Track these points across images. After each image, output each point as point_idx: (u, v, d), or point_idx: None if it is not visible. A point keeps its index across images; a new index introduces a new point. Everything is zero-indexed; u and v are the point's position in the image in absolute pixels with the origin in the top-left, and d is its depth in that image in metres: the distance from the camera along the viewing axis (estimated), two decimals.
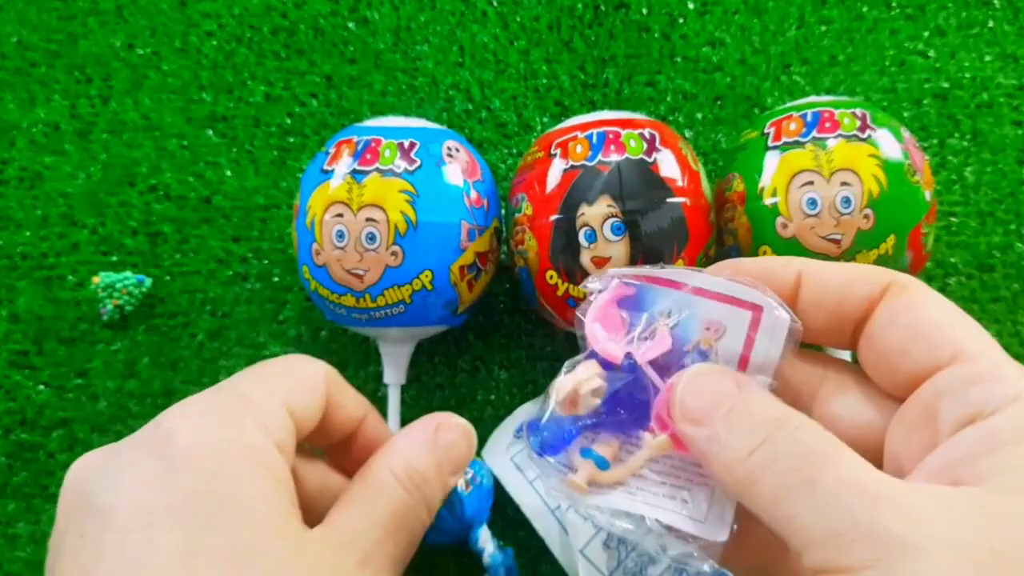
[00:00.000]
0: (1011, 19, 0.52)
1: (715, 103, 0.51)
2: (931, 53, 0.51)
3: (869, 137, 0.38)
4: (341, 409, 0.27)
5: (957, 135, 0.50)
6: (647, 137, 0.39)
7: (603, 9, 0.53)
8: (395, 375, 0.42)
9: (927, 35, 0.52)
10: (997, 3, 0.52)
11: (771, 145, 0.39)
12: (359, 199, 0.38)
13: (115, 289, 0.46)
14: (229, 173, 0.50)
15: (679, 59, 0.52)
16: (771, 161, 0.39)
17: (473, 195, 0.40)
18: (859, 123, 0.38)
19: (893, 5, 0.53)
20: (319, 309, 0.44)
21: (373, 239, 0.38)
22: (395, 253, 0.38)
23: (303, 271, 0.40)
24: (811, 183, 0.38)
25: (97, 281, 0.46)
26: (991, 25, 0.52)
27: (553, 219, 0.38)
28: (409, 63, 0.52)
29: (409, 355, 0.42)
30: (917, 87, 0.51)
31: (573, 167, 0.38)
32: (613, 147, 0.38)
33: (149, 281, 0.47)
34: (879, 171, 0.37)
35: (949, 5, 0.52)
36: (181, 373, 0.46)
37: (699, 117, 0.51)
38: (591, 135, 0.39)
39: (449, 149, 0.40)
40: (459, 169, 0.40)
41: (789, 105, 0.41)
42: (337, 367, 0.46)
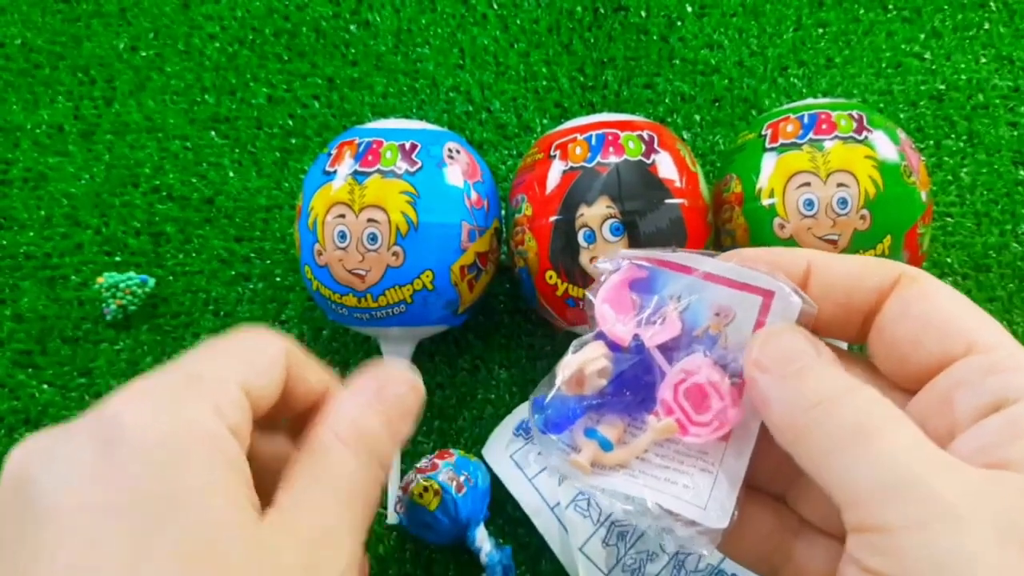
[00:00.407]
0: (1007, 21, 0.52)
1: (713, 105, 0.51)
2: (927, 55, 0.52)
3: (866, 139, 0.38)
4: (302, 383, 0.25)
5: (953, 136, 0.50)
6: (646, 139, 0.39)
7: (602, 12, 0.53)
8: None
9: (923, 37, 0.52)
10: (993, 5, 0.53)
11: (768, 147, 0.40)
12: (361, 200, 0.38)
13: (118, 289, 0.46)
14: (232, 174, 0.50)
15: (677, 61, 0.52)
16: (768, 162, 0.39)
17: (473, 196, 0.40)
18: (856, 125, 0.39)
19: (889, 8, 0.53)
20: (321, 309, 0.44)
21: (375, 239, 0.38)
22: (396, 253, 0.38)
23: (305, 271, 0.40)
24: (808, 184, 0.38)
25: (101, 281, 0.46)
26: (987, 27, 0.52)
27: (553, 220, 0.39)
28: (410, 65, 0.53)
29: (410, 354, 0.42)
30: (913, 89, 0.51)
31: (572, 168, 0.39)
32: (612, 149, 0.39)
33: (152, 281, 0.47)
34: (875, 172, 0.38)
35: (945, 7, 0.53)
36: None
37: (697, 119, 0.51)
38: (590, 137, 0.39)
39: (450, 151, 0.40)
40: (460, 170, 0.40)
41: (786, 107, 0.41)
42: (338, 367, 0.47)
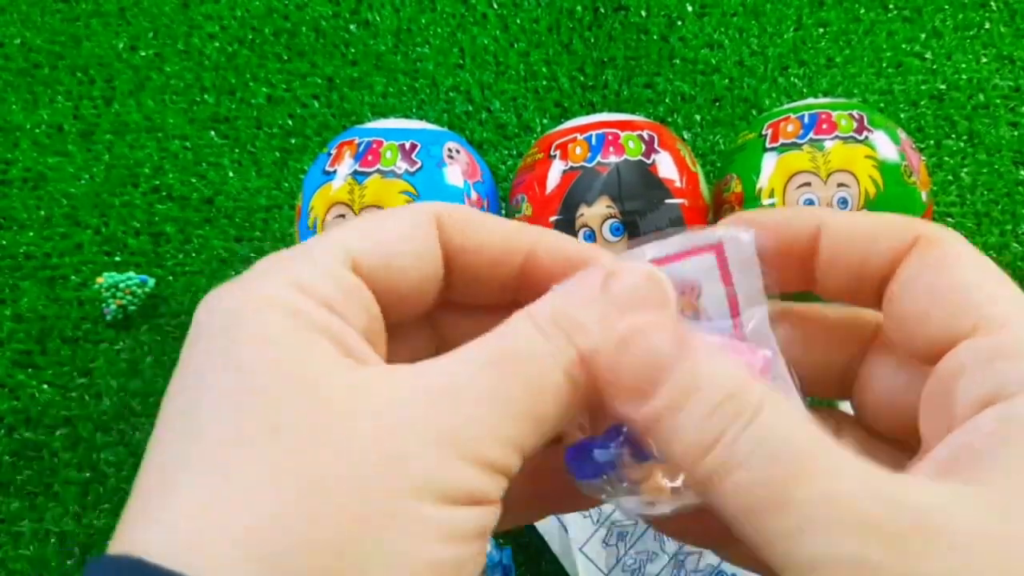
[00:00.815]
0: (1007, 21, 0.52)
1: (713, 105, 0.51)
2: (928, 55, 0.52)
3: (866, 138, 0.38)
4: (476, 252, 0.20)
5: (953, 136, 0.50)
6: (646, 139, 0.39)
7: (602, 11, 0.53)
8: None
9: (924, 37, 0.52)
10: (994, 5, 0.53)
11: (769, 146, 0.40)
12: (361, 200, 0.38)
13: (118, 289, 0.46)
14: (231, 174, 0.50)
15: (678, 61, 0.52)
16: (769, 162, 0.39)
17: (473, 196, 0.40)
18: (856, 124, 0.39)
19: (890, 7, 0.53)
20: None
21: None
22: None
23: None
24: (808, 184, 0.38)
25: (101, 281, 0.46)
26: (987, 27, 0.52)
27: (553, 220, 0.39)
28: (410, 65, 0.53)
29: None
30: (914, 89, 0.51)
31: (572, 168, 0.39)
32: (612, 148, 0.39)
33: (152, 281, 0.47)
34: (876, 172, 0.38)
35: (946, 7, 0.53)
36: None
37: (697, 119, 0.51)
38: (590, 137, 0.39)
39: (450, 151, 0.40)
40: (459, 170, 0.40)
41: (787, 107, 0.41)
42: None
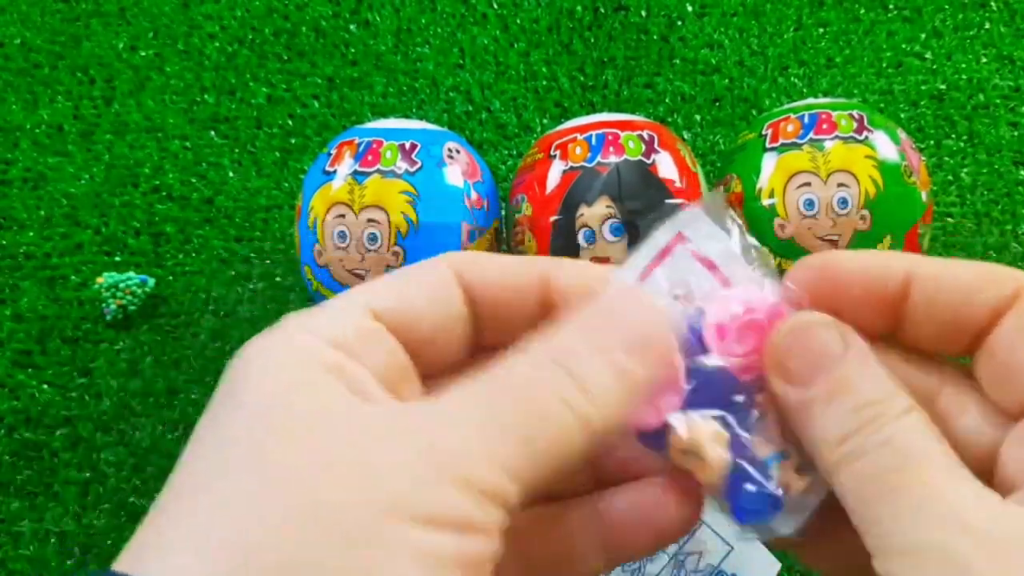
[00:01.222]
0: (1007, 21, 0.52)
1: (713, 105, 0.51)
2: (928, 55, 0.52)
3: (866, 138, 0.38)
4: (493, 288, 0.20)
5: (953, 136, 0.50)
6: (646, 139, 0.39)
7: (602, 11, 0.53)
8: None
9: (924, 37, 0.52)
10: (994, 5, 0.53)
11: (769, 146, 0.40)
12: (361, 200, 0.38)
13: (118, 289, 0.46)
14: (231, 174, 0.50)
15: (678, 61, 0.52)
16: (769, 162, 0.39)
17: (473, 196, 0.40)
18: (856, 124, 0.39)
19: (890, 7, 0.53)
20: None
21: (375, 240, 0.38)
22: (396, 254, 0.38)
23: (305, 271, 0.40)
24: (808, 184, 0.38)
25: (101, 281, 0.46)
26: (987, 27, 0.52)
27: (553, 220, 0.39)
28: (410, 65, 0.53)
29: None
30: (914, 89, 0.51)
31: (572, 168, 0.39)
32: (612, 148, 0.39)
33: (152, 281, 0.47)
34: (876, 172, 0.38)
35: (946, 7, 0.53)
36: (184, 372, 0.46)
37: (697, 119, 0.51)
38: (590, 137, 0.39)
39: (450, 151, 0.40)
40: (459, 170, 0.40)
41: (787, 107, 0.41)
42: None
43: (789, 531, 0.19)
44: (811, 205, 0.38)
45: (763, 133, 0.40)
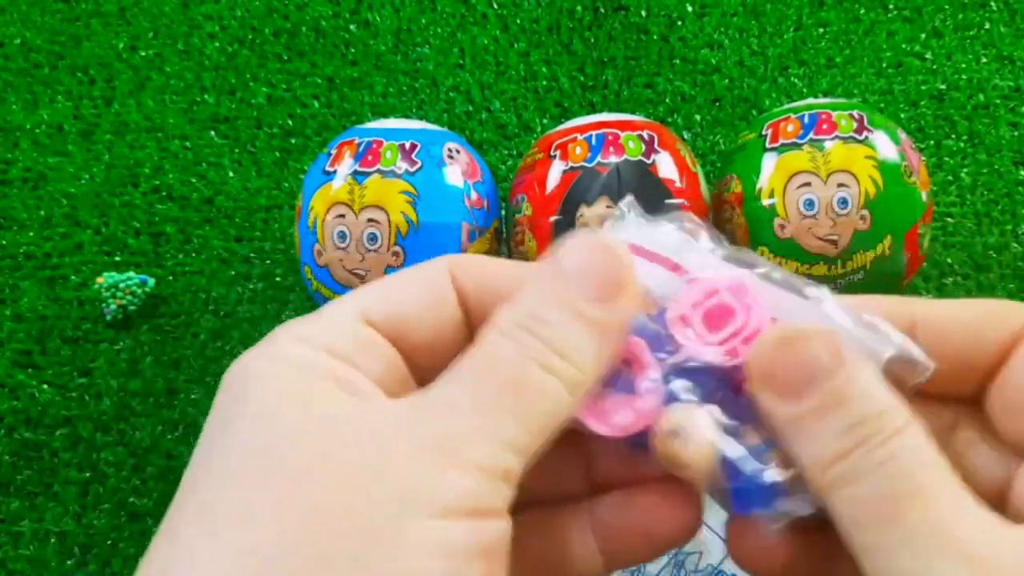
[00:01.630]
0: (1007, 21, 0.52)
1: (713, 105, 0.51)
2: (928, 55, 0.52)
3: (866, 138, 0.38)
4: (488, 292, 0.20)
5: (953, 136, 0.50)
6: (646, 139, 0.39)
7: (602, 11, 0.53)
8: None
9: (924, 37, 0.52)
10: (994, 5, 0.53)
11: (769, 147, 0.40)
12: (361, 200, 0.38)
13: (118, 289, 0.46)
14: (231, 174, 0.50)
15: (678, 61, 0.52)
16: (769, 162, 0.39)
17: (473, 196, 0.40)
18: (856, 124, 0.39)
19: (890, 7, 0.53)
20: None
21: (375, 240, 0.38)
22: (396, 254, 0.38)
23: (305, 271, 0.40)
24: (808, 184, 0.38)
25: (101, 281, 0.46)
26: (987, 27, 0.52)
27: (553, 220, 0.39)
28: (410, 65, 0.53)
29: None
30: (914, 89, 0.51)
31: (572, 168, 0.39)
32: (612, 148, 0.39)
33: (152, 281, 0.47)
34: (876, 172, 0.38)
35: (946, 7, 0.53)
36: (184, 372, 0.46)
37: (697, 119, 0.51)
38: (590, 137, 0.39)
39: (450, 151, 0.40)
40: (459, 170, 0.40)
41: (787, 107, 0.41)
42: None
43: (804, 512, 0.18)
44: (811, 205, 0.38)
45: (763, 133, 0.40)
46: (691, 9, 0.53)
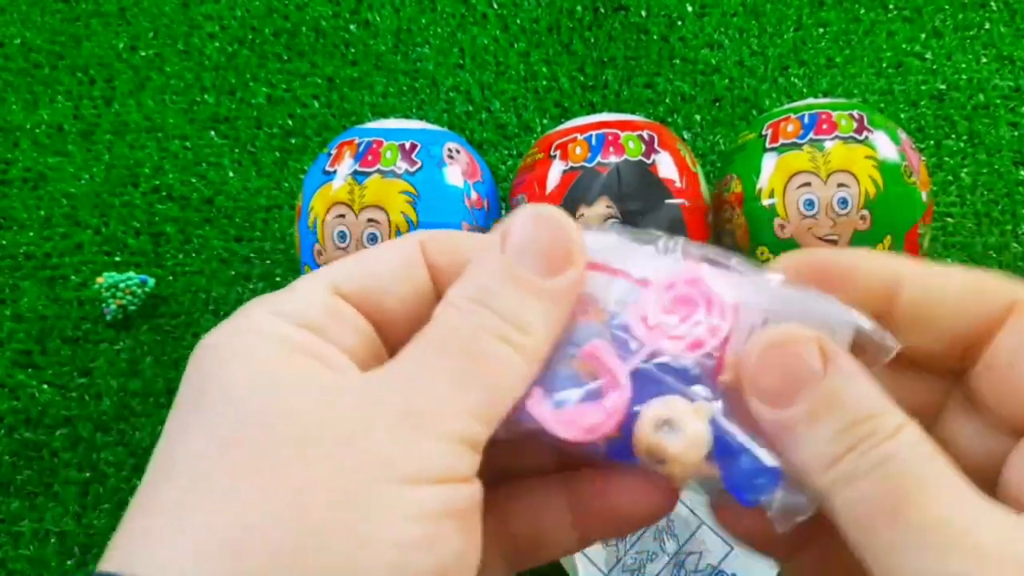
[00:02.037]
0: (1007, 21, 0.52)
1: (713, 105, 0.51)
2: (928, 55, 0.52)
3: (866, 138, 0.38)
4: (454, 263, 0.20)
5: (953, 136, 0.50)
6: (646, 139, 0.39)
7: (602, 11, 0.53)
8: None
9: (924, 37, 0.52)
10: (994, 5, 0.53)
11: (769, 147, 0.40)
12: (361, 200, 0.38)
13: (118, 289, 0.46)
14: (231, 174, 0.50)
15: (678, 61, 0.52)
16: (769, 162, 0.39)
17: (473, 196, 0.40)
18: (856, 125, 0.39)
19: (890, 7, 0.53)
20: None
21: (375, 240, 0.38)
22: None
23: (305, 271, 0.40)
24: (808, 184, 0.38)
25: (101, 281, 0.46)
26: (988, 27, 0.52)
27: None
28: (410, 65, 0.53)
29: None
30: (914, 89, 0.51)
31: (572, 168, 0.39)
32: (612, 149, 0.39)
33: (152, 281, 0.47)
34: (876, 172, 0.38)
35: (946, 7, 0.53)
36: (184, 372, 0.46)
37: (697, 119, 0.51)
38: (590, 137, 0.39)
39: (450, 151, 0.40)
40: (459, 170, 0.40)
41: (787, 107, 0.41)
42: None
43: (800, 503, 0.18)
44: (811, 205, 0.38)
45: (763, 133, 0.40)
46: (691, 9, 0.53)
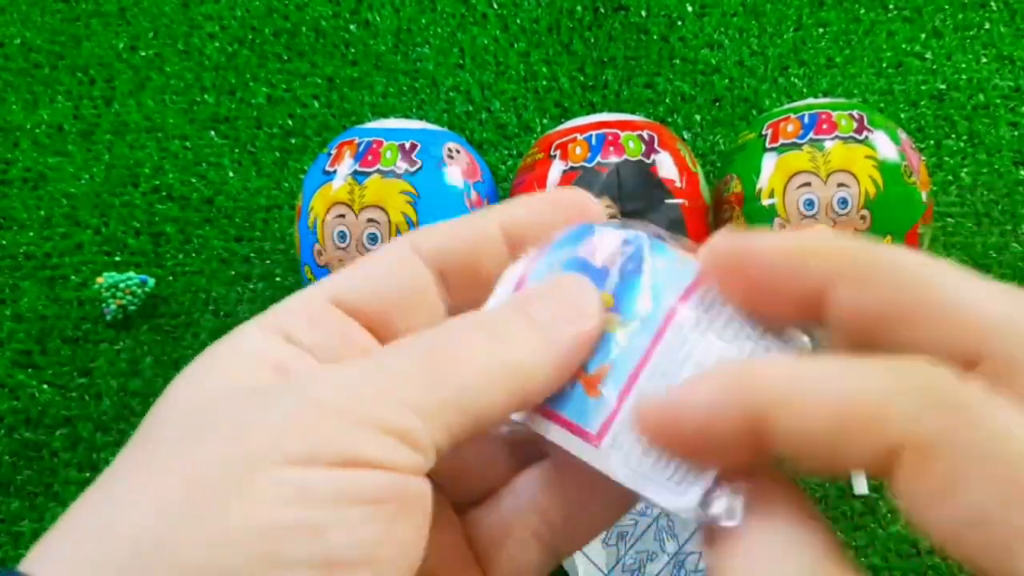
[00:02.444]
0: (1007, 21, 0.52)
1: (713, 105, 0.51)
2: (928, 55, 0.52)
3: (866, 138, 0.38)
4: (453, 253, 0.20)
5: (953, 136, 0.50)
6: (646, 139, 0.39)
7: (602, 11, 0.53)
8: None
9: (924, 37, 0.52)
10: (994, 5, 0.53)
11: (769, 147, 0.40)
12: (361, 200, 0.38)
13: (118, 289, 0.46)
14: (231, 174, 0.50)
15: (678, 61, 0.52)
16: (769, 162, 0.39)
17: (473, 196, 0.40)
18: (856, 125, 0.39)
19: (890, 7, 0.53)
20: None
21: (375, 240, 0.38)
22: None
23: (305, 272, 0.40)
24: (808, 184, 0.38)
25: (101, 281, 0.46)
26: (987, 27, 0.52)
27: None
28: (410, 65, 0.53)
29: None
30: (914, 89, 0.51)
31: (572, 168, 0.39)
32: (612, 149, 0.39)
33: (152, 281, 0.47)
34: (876, 172, 0.38)
35: (946, 7, 0.53)
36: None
37: (697, 119, 0.51)
38: (590, 137, 0.39)
39: (450, 151, 0.40)
40: (459, 170, 0.40)
41: (787, 107, 0.41)
42: None
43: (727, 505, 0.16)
44: (811, 205, 0.38)
45: (763, 133, 0.40)
46: (691, 9, 0.53)
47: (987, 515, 0.12)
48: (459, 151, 0.41)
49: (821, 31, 0.53)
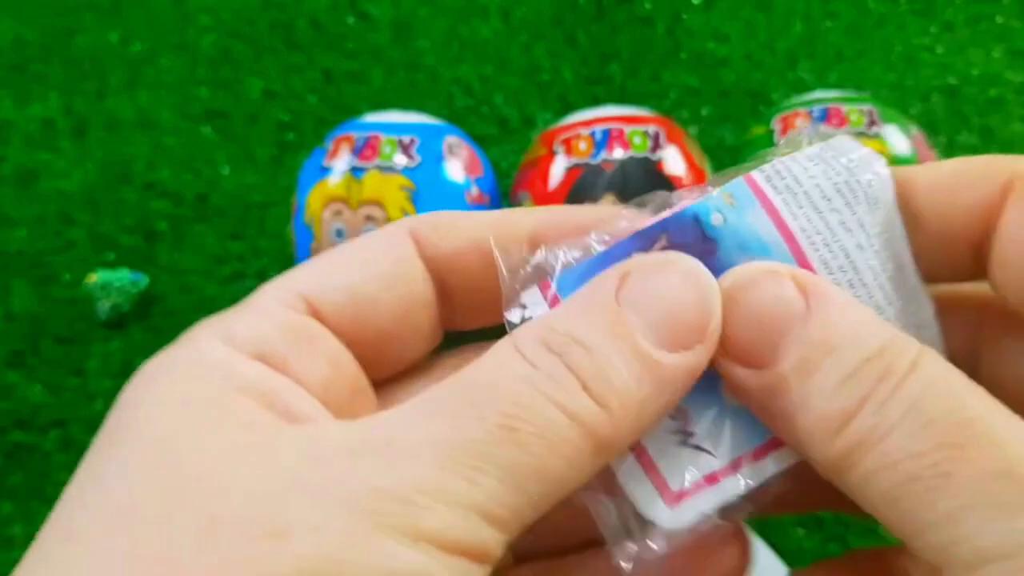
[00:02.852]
0: (1019, 14, 0.52)
1: (720, 98, 0.51)
2: (939, 48, 0.51)
3: (877, 133, 0.38)
4: (460, 256, 0.16)
5: (966, 131, 0.49)
6: (651, 134, 0.39)
7: (606, 3, 0.53)
8: None
9: (935, 30, 0.52)
10: None
11: (778, 141, 0.39)
12: (358, 196, 0.37)
13: (111, 288, 0.46)
14: (226, 170, 0.50)
15: (684, 54, 0.52)
16: None
17: (474, 192, 0.39)
18: (867, 119, 0.38)
19: (900, 0, 0.53)
20: None
21: None
22: None
23: None
24: None
25: (93, 279, 0.46)
26: (999, 20, 0.52)
27: None
28: (409, 58, 0.52)
29: None
30: (925, 83, 0.50)
31: (576, 164, 0.38)
32: (617, 144, 0.38)
33: (145, 279, 0.47)
34: None
35: (957, 1, 0.52)
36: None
37: (704, 113, 0.50)
38: (595, 132, 0.39)
39: (450, 145, 0.40)
40: (460, 165, 0.39)
41: (796, 100, 0.41)
42: None
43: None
44: None
45: (772, 127, 0.40)
46: (697, 1, 0.53)
47: None
48: (459, 145, 0.40)
49: (830, 24, 0.52)
